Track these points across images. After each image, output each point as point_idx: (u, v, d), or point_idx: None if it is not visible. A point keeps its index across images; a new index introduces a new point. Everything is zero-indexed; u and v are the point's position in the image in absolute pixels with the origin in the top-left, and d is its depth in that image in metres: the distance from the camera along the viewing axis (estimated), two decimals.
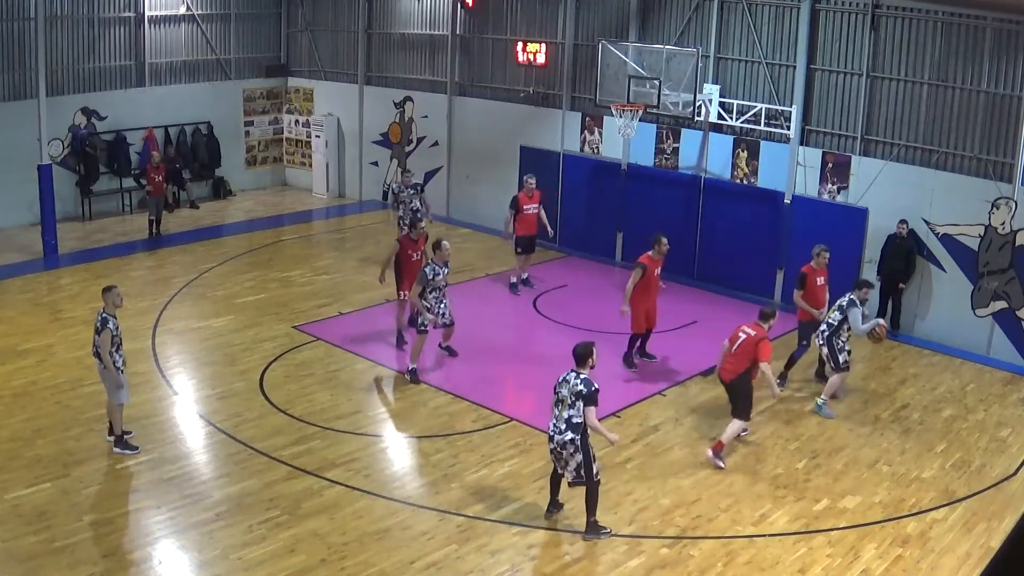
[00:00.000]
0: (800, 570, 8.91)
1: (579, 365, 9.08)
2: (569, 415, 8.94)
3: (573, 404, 8.93)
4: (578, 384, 8.93)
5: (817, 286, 12.87)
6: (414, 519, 9.53)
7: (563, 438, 8.96)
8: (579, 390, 8.91)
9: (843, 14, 15.36)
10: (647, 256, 13.03)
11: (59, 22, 19.95)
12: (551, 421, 9.14)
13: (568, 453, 8.98)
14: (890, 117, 15.15)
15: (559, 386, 9.11)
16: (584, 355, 9.09)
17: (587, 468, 9.01)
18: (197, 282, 16.62)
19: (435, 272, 12.57)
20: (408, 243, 13.63)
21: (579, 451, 8.95)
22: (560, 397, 9.06)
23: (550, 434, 9.11)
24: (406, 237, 13.75)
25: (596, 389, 8.95)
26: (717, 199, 17.09)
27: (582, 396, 8.89)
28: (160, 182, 19.32)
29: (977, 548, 9.32)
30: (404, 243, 13.64)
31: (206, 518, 9.35)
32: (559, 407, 9.06)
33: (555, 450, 9.09)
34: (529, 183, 16.46)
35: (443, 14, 20.96)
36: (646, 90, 16.07)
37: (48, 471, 10.06)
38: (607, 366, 13.14)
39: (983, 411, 12.58)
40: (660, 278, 13.30)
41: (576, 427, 8.92)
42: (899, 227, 14.73)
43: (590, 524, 9.23)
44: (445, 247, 12.74)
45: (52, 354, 13.22)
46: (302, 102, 24.03)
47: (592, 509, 9.21)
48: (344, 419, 11.65)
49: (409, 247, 13.58)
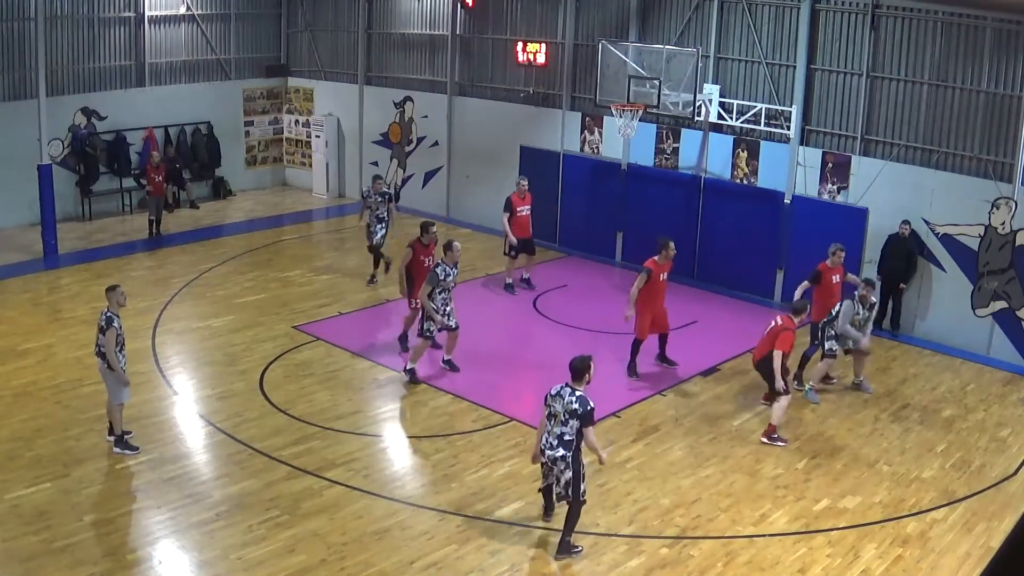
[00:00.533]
0: (800, 570, 8.91)
1: (575, 380, 8.78)
2: (561, 432, 8.67)
3: (566, 422, 8.64)
4: (573, 402, 8.63)
5: (833, 284, 12.91)
6: (414, 519, 9.53)
7: (554, 454, 8.71)
8: (574, 408, 8.62)
9: (843, 14, 15.37)
10: (652, 261, 12.77)
11: (59, 22, 19.95)
12: (543, 435, 8.85)
13: (559, 469, 8.75)
14: (890, 117, 15.15)
15: (552, 399, 8.80)
16: (581, 370, 8.77)
17: (575, 487, 8.76)
18: (197, 282, 16.62)
19: (446, 273, 12.42)
20: (420, 248, 13.37)
21: (569, 468, 8.70)
22: (553, 412, 8.76)
23: (542, 448, 8.85)
24: (418, 242, 13.44)
25: (592, 408, 8.66)
26: (717, 199, 17.09)
27: (578, 416, 8.61)
28: (160, 182, 19.32)
29: (977, 548, 9.32)
30: (417, 249, 13.37)
31: (206, 518, 9.35)
32: (551, 421, 8.77)
33: (546, 464, 8.91)
34: (522, 184, 16.41)
35: (443, 14, 20.96)
36: (646, 90, 16.06)
37: (48, 471, 10.05)
38: (607, 366, 13.15)
39: (983, 411, 12.57)
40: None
41: (568, 444, 8.66)
42: (901, 228, 14.72)
43: (563, 543, 8.94)
44: (456, 248, 12.64)
45: (52, 354, 13.22)
46: (302, 102, 24.03)
47: (570, 529, 8.93)
48: (344, 419, 11.65)
49: (422, 252, 13.37)
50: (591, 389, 8.94)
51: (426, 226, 13.58)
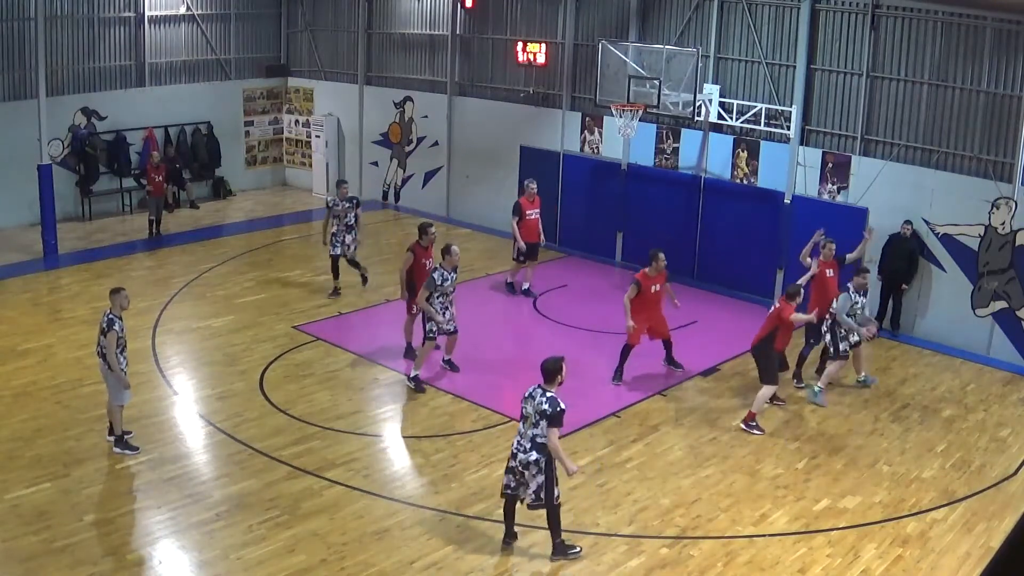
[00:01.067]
0: (800, 570, 8.91)
1: (547, 382, 8.64)
2: (534, 434, 8.55)
3: (537, 423, 8.53)
4: (543, 403, 8.51)
5: (827, 278, 12.89)
6: (414, 519, 9.53)
7: (527, 458, 8.57)
8: (543, 409, 8.49)
9: (843, 14, 15.37)
10: (643, 273, 12.71)
11: (59, 22, 19.95)
12: (515, 438, 8.77)
13: (531, 474, 8.59)
14: (890, 117, 15.15)
15: (525, 402, 8.70)
16: (553, 371, 8.64)
17: (548, 491, 8.63)
18: (197, 282, 16.62)
19: (443, 278, 12.27)
20: (421, 251, 13.16)
21: (542, 472, 8.57)
22: (525, 414, 8.66)
23: (514, 451, 8.71)
24: (417, 245, 13.22)
25: (562, 410, 8.51)
26: (717, 199, 17.09)
27: (546, 416, 8.48)
28: (160, 182, 19.32)
29: (977, 548, 9.32)
30: (417, 252, 13.15)
31: (206, 518, 9.35)
32: (524, 424, 8.66)
33: (516, 469, 8.67)
34: (531, 187, 16.19)
35: (443, 14, 20.96)
36: (646, 90, 16.06)
37: (48, 471, 10.05)
38: (607, 366, 13.16)
39: (983, 411, 12.57)
40: (670, 291, 13.01)
41: (541, 447, 8.53)
42: (903, 228, 14.71)
43: (556, 545, 8.87)
44: (454, 252, 12.45)
45: (52, 354, 13.22)
46: (302, 102, 24.03)
47: (557, 531, 8.85)
48: (344, 419, 11.65)
49: (422, 255, 13.18)
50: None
51: (424, 227, 13.33)
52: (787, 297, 11.74)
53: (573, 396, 11.88)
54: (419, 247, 13.24)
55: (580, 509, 9.71)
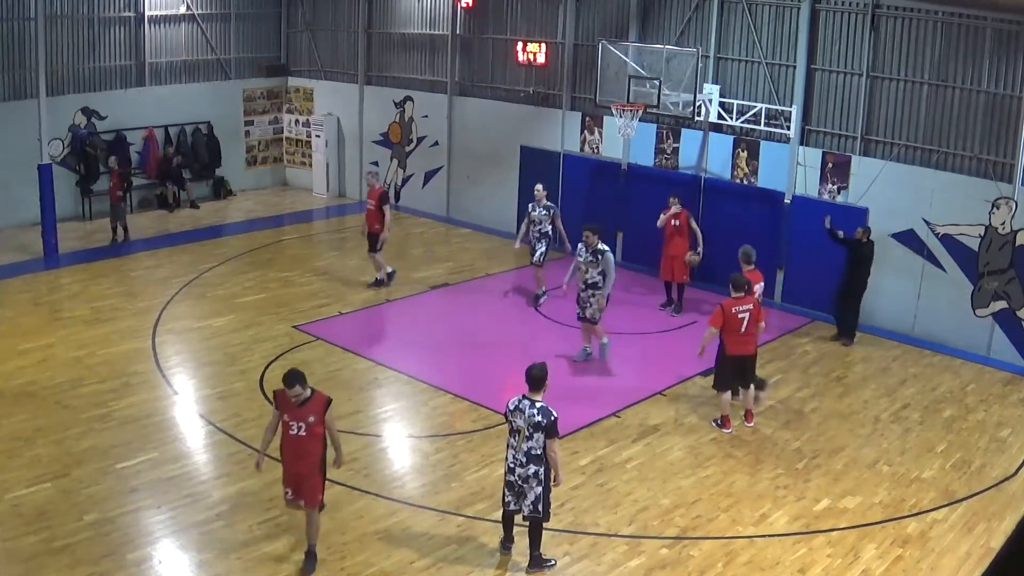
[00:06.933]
0: (800, 570, 8.90)
1: (534, 390, 8.49)
2: (528, 447, 8.41)
3: (531, 436, 8.39)
4: (535, 415, 8.36)
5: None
6: (414, 519, 9.53)
7: (526, 471, 8.45)
8: (537, 421, 8.35)
9: (843, 14, 15.36)
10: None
11: (59, 22, 19.94)
12: (509, 452, 8.59)
13: (530, 486, 8.48)
14: (890, 117, 15.14)
15: (512, 415, 8.51)
16: (541, 379, 8.50)
17: (545, 502, 8.55)
18: (197, 282, 16.61)
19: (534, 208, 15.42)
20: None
21: (541, 484, 8.48)
22: (516, 428, 8.49)
23: (510, 466, 8.57)
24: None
25: (556, 418, 8.40)
26: (717, 199, 17.09)
27: (542, 428, 8.35)
28: (113, 187, 18.80)
29: (977, 548, 9.32)
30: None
31: (206, 518, 9.35)
32: (515, 437, 8.49)
33: (515, 483, 8.55)
34: (540, 191, 16.02)
35: (443, 14, 20.96)
36: (646, 90, 16.05)
37: (48, 471, 10.05)
38: (607, 367, 13.16)
39: (983, 411, 12.57)
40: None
41: (538, 459, 8.42)
42: (860, 233, 14.28)
43: (534, 558, 8.73)
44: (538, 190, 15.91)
45: (52, 354, 13.21)
46: (302, 102, 24.03)
47: (537, 544, 8.72)
48: (344, 419, 11.60)
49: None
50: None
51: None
52: (736, 288, 11.63)
53: (573, 396, 11.96)
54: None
55: (580, 509, 9.71)
